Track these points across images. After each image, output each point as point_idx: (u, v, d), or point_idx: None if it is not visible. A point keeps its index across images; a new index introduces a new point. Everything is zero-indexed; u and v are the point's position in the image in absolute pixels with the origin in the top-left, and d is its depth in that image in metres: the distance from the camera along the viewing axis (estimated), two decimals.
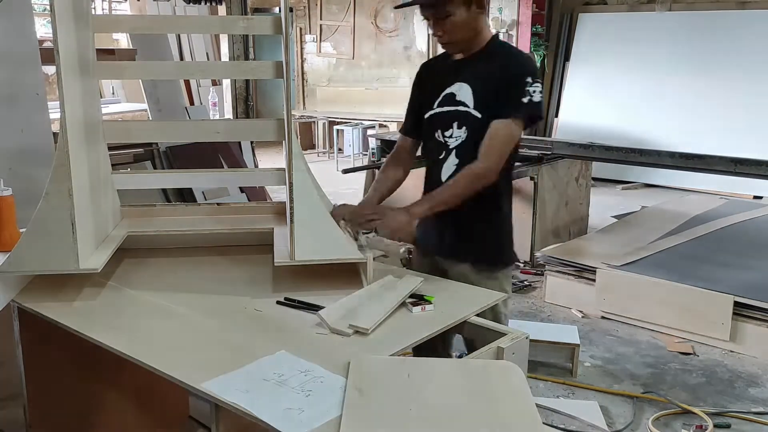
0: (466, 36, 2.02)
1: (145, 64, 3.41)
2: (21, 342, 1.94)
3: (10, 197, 2.17)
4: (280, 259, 1.93)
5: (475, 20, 2.00)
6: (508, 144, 2.01)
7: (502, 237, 2.18)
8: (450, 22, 1.98)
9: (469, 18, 1.98)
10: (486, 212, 2.12)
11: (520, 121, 1.99)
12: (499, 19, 8.69)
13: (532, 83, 1.96)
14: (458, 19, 1.97)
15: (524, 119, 1.99)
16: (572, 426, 2.86)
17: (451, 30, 2.00)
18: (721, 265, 4.07)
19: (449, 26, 1.99)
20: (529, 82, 1.95)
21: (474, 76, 2.04)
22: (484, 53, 2.05)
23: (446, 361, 1.56)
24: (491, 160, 1.99)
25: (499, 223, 2.16)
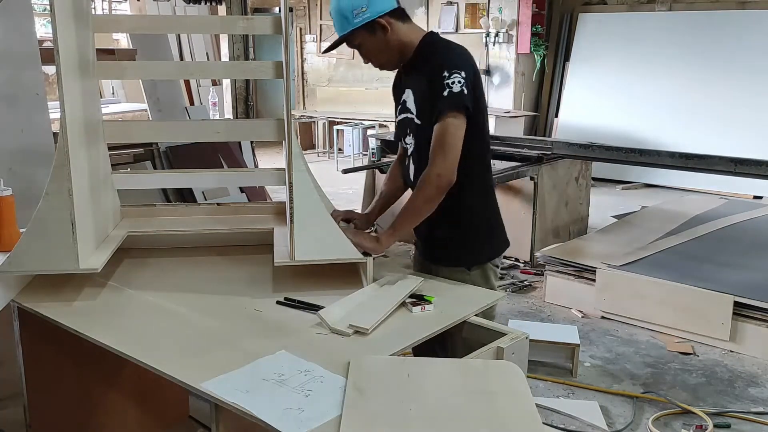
0: (387, 55, 2.07)
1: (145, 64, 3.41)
2: (21, 342, 1.94)
3: (10, 197, 2.17)
4: (280, 259, 1.93)
5: (385, 40, 2.01)
6: (447, 142, 1.93)
7: (471, 235, 2.12)
8: (365, 50, 2.06)
9: (378, 41, 2.01)
10: (450, 213, 2.06)
11: (453, 113, 1.92)
12: (499, 19, 8.69)
13: (450, 75, 1.91)
14: (369, 46, 2.03)
15: (456, 111, 1.92)
16: (572, 426, 2.86)
17: (371, 55, 2.07)
18: (721, 265, 4.07)
19: (367, 53, 2.07)
20: (445, 76, 1.92)
21: (413, 82, 2.09)
22: (416, 57, 2.07)
23: (446, 361, 1.56)
24: (438, 163, 1.94)
25: (467, 221, 2.10)
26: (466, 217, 2.10)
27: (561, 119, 8.67)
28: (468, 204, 2.08)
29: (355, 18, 1.97)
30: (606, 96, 8.31)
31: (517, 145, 5.29)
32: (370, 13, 1.96)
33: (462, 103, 1.92)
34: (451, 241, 2.12)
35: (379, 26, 1.99)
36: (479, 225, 2.13)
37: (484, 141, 2.11)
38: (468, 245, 2.12)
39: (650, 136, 7.64)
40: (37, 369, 2.01)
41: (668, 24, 8.05)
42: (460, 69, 1.93)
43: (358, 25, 1.98)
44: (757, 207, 5.47)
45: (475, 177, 2.08)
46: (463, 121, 1.94)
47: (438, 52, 2.03)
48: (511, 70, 8.81)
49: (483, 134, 2.09)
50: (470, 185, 2.06)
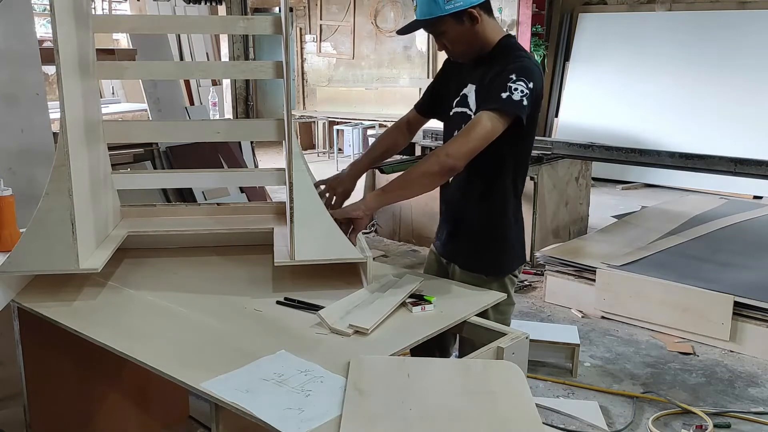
0: (468, 47, 2.02)
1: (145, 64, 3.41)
2: (21, 342, 1.94)
3: (10, 197, 2.17)
4: (280, 259, 1.93)
5: (471, 31, 1.97)
6: (477, 134, 1.87)
7: (503, 244, 2.10)
8: (447, 38, 2.00)
9: (464, 31, 1.96)
10: (489, 218, 2.08)
11: (497, 114, 1.87)
12: (499, 19, 8.69)
13: (516, 80, 1.87)
14: (453, 35, 1.98)
15: (502, 114, 1.87)
16: (572, 426, 2.86)
17: (452, 45, 2.02)
18: (721, 265, 4.07)
19: (448, 42, 2.01)
20: (512, 78, 1.87)
21: (479, 79, 2.03)
22: (490, 56, 2.02)
23: (446, 361, 1.56)
24: (455, 145, 1.90)
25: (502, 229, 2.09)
26: (502, 225, 2.09)
27: (561, 119, 8.67)
28: (507, 213, 2.08)
29: (446, 4, 1.91)
30: (606, 96, 8.32)
31: None
32: (463, 2, 1.92)
33: (515, 111, 1.87)
34: (475, 246, 2.11)
35: (468, 16, 1.94)
36: (507, 240, 2.11)
37: (526, 161, 2.12)
38: (489, 255, 2.10)
39: (650, 136, 7.64)
40: (37, 369, 2.01)
41: (668, 24, 8.05)
42: (529, 79, 1.89)
43: (450, 12, 1.92)
44: (757, 207, 5.47)
45: (517, 188, 2.10)
46: (503, 126, 1.88)
47: (515, 54, 1.98)
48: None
49: (528, 149, 2.11)
50: (511, 196, 2.08)
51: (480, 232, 2.09)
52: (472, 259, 2.11)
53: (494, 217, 2.08)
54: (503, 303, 2.01)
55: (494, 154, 1.94)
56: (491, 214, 2.07)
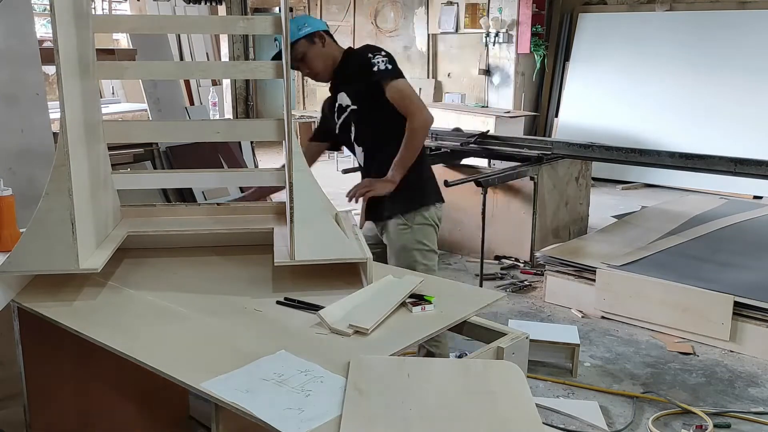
0: (324, 63, 2.62)
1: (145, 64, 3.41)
2: (21, 342, 1.94)
3: (10, 197, 2.17)
4: (280, 259, 1.93)
5: (322, 50, 2.58)
6: (410, 94, 2.50)
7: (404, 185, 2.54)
8: (307, 60, 2.59)
9: (317, 50, 2.58)
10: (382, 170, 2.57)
11: (392, 76, 2.47)
12: (499, 19, 8.69)
13: (374, 56, 2.47)
14: (310, 55, 2.58)
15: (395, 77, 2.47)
16: (572, 426, 2.86)
17: (311, 65, 2.62)
18: (721, 265, 4.07)
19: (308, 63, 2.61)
20: (369, 57, 2.48)
21: (342, 83, 2.65)
22: (342, 65, 2.62)
23: (446, 361, 1.56)
24: (417, 111, 2.48)
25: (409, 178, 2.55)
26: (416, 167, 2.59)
27: (561, 119, 8.67)
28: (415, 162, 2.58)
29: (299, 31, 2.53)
30: (606, 96, 8.31)
31: (517, 145, 5.29)
32: (310, 27, 2.57)
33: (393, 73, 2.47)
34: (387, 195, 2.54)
35: (318, 37, 2.58)
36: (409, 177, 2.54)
37: None
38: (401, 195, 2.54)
39: (650, 136, 7.64)
40: (37, 369, 2.01)
41: (668, 24, 8.05)
42: (380, 51, 2.50)
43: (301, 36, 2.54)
44: (757, 207, 5.47)
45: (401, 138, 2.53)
46: (404, 80, 2.50)
47: (358, 50, 2.61)
48: (511, 70, 8.80)
49: None
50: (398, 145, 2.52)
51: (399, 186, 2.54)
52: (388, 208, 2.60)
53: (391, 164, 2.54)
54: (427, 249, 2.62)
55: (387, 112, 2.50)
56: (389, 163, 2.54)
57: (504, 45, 8.77)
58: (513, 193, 4.99)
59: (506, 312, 4.07)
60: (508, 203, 5.02)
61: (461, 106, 9.03)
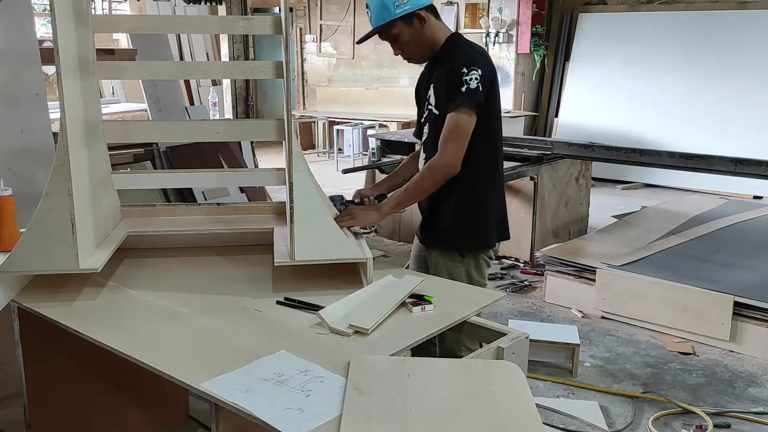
0: (420, 48, 2.22)
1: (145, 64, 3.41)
2: (21, 342, 1.94)
3: (10, 197, 2.17)
4: (280, 259, 1.93)
5: (422, 32, 2.18)
6: (458, 133, 2.11)
7: (468, 223, 2.24)
8: (400, 41, 2.20)
9: (414, 32, 2.17)
10: (452, 201, 2.22)
11: (466, 109, 2.09)
12: (499, 19, 8.69)
13: (468, 72, 2.08)
14: (405, 37, 2.18)
15: (469, 107, 2.09)
16: (572, 426, 2.86)
17: (404, 47, 2.22)
18: (721, 265, 4.07)
19: (401, 45, 2.21)
20: (464, 72, 2.08)
21: (435, 78, 2.23)
22: (440, 55, 2.23)
23: (446, 361, 1.56)
24: (446, 152, 2.12)
25: (467, 210, 2.23)
26: (467, 207, 2.23)
27: (561, 119, 8.67)
28: (471, 195, 2.22)
29: (395, 9, 2.13)
30: (606, 96, 8.31)
31: (517, 145, 5.29)
32: (410, 5, 2.13)
33: (476, 99, 2.09)
34: (449, 226, 2.24)
35: (417, 18, 2.15)
36: (478, 216, 2.24)
37: (493, 138, 2.24)
38: (464, 232, 2.24)
39: (650, 136, 7.64)
40: (37, 369, 2.01)
41: (668, 24, 8.05)
42: (478, 67, 2.10)
43: (399, 15, 2.13)
44: (757, 207, 5.47)
45: (482, 171, 2.21)
46: (474, 117, 2.11)
47: (461, 49, 2.19)
48: (511, 70, 8.81)
49: (492, 131, 2.23)
50: (476, 178, 2.20)
51: (454, 213, 2.23)
52: (447, 241, 2.26)
53: (465, 197, 2.22)
54: (475, 282, 2.22)
55: None
56: (462, 194, 2.21)
57: (504, 45, 8.78)
58: (513, 193, 4.99)
59: (506, 312, 4.07)
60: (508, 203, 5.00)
61: None
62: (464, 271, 2.23)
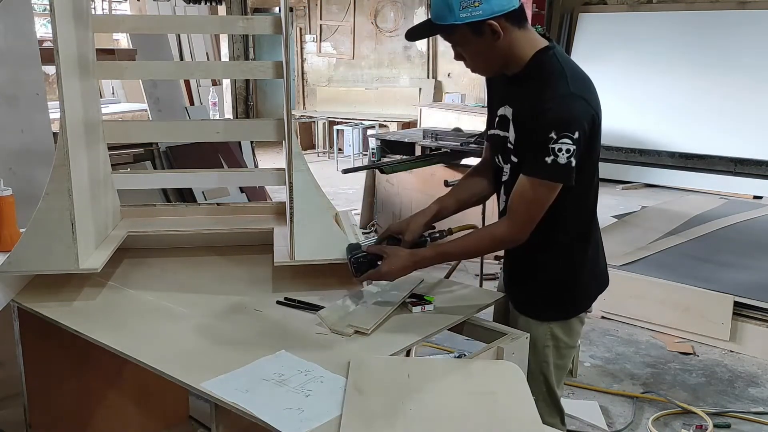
0: (489, 63, 1.75)
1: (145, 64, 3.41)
2: (21, 342, 1.94)
3: (10, 197, 2.17)
4: (280, 259, 1.93)
5: (493, 46, 1.67)
6: (534, 209, 1.71)
7: (558, 292, 1.88)
8: (466, 52, 1.72)
9: (484, 44, 1.66)
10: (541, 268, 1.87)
11: (549, 183, 1.67)
12: None
13: (557, 140, 1.61)
14: (471, 48, 1.70)
15: (552, 181, 1.66)
16: (572, 426, 2.86)
17: (470, 59, 1.74)
18: (721, 265, 4.07)
19: (467, 55, 1.73)
20: (552, 138, 1.61)
21: (517, 102, 1.77)
22: (525, 75, 1.74)
23: (446, 361, 1.56)
24: (515, 224, 1.73)
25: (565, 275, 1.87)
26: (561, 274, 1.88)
27: None
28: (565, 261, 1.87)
29: (461, 11, 1.61)
30: (606, 96, 8.20)
31: None
32: (482, 11, 1.61)
33: (563, 179, 1.66)
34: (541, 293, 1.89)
35: (489, 29, 1.63)
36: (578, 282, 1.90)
37: (590, 196, 1.89)
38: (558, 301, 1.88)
39: (650, 136, 7.64)
40: (37, 369, 2.01)
41: (668, 24, 8.04)
42: (572, 131, 1.63)
43: (465, 21, 1.62)
44: (757, 207, 5.47)
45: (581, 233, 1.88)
46: (556, 190, 1.69)
47: (549, 85, 1.68)
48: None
49: (591, 190, 1.88)
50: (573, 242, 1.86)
51: (538, 282, 1.89)
52: (530, 305, 1.89)
53: (551, 268, 1.86)
54: (563, 345, 1.87)
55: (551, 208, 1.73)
56: (548, 264, 1.86)
57: None
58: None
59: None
60: None
61: (461, 106, 9.03)
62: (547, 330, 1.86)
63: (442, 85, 9.84)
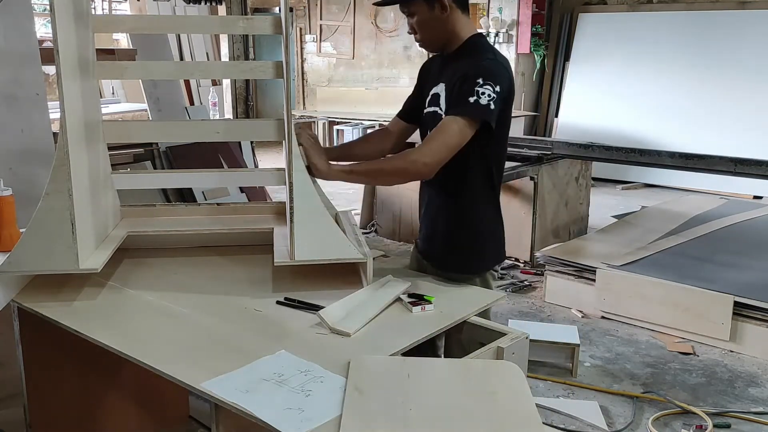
0: (434, 35, 2.04)
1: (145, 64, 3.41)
2: (21, 342, 1.94)
3: (10, 197, 2.17)
4: (280, 259, 1.93)
5: (442, 20, 1.99)
6: (447, 138, 1.90)
7: (482, 243, 2.11)
8: (416, 21, 2.02)
9: (434, 17, 1.99)
10: (463, 220, 2.08)
11: (466, 120, 1.89)
12: (499, 19, 8.68)
13: (483, 84, 1.88)
14: (422, 18, 2.00)
15: (471, 119, 1.89)
16: (572, 426, 2.86)
17: (419, 28, 2.04)
18: (721, 265, 4.07)
19: (416, 25, 2.03)
20: (479, 83, 1.88)
21: (448, 77, 2.02)
22: (459, 53, 2.04)
23: (446, 361, 1.56)
24: (428, 150, 1.91)
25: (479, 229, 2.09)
26: (478, 226, 2.09)
27: (561, 119, 8.67)
28: (481, 213, 2.09)
29: None
30: (606, 96, 8.31)
31: (517, 145, 5.29)
32: None
33: (483, 116, 1.89)
34: (443, 247, 2.12)
35: (439, 4, 1.97)
36: (485, 236, 2.12)
37: (495, 164, 2.08)
38: (479, 252, 2.11)
39: (650, 136, 7.65)
40: (37, 369, 2.01)
41: (668, 24, 8.05)
42: (495, 82, 1.90)
43: None
44: (757, 207, 5.47)
45: (480, 197, 2.07)
46: (471, 131, 1.90)
47: (481, 54, 1.99)
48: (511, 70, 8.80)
49: (495, 156, 2.06)
50: (485, 195, 2.07)
51: (452, 233, 2.10)
52: (445, 260, 2.12)
53: (466, 218, 2.08)
54: None
55: (464, 156, 1.95)
56: (463, 214, 2.07)
57: (504, 45, 8.77)
58: (513, 193, 4.99)
59: (506, 312, 4.07)
60: (508, 203, 5.02)
61: None
62: None
63: None
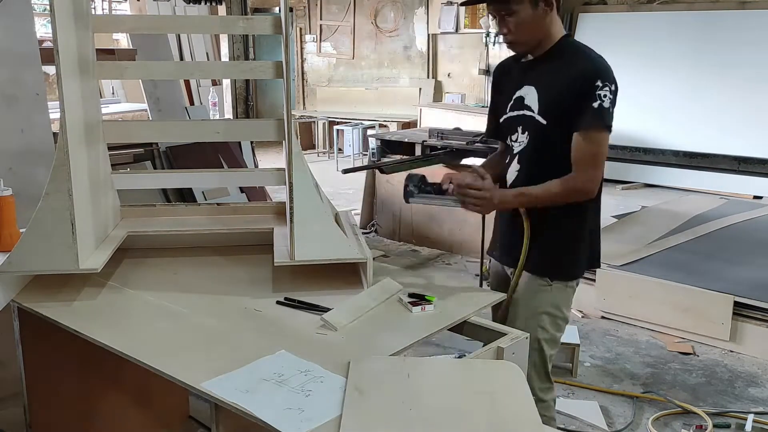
0: (532, 35, 1.93)
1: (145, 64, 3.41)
2: (21, 342, 1.94)
3: (10, 197, 2.17)
4: (280, 259, 1.93)
5: (542, 19, 1.89)
6: (599, 158, 1.89)
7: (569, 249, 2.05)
8: (515, 20, 1.89)
9: (536, 16, 1.88)
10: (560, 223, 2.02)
11: (603, 130, 1.86)
12: None
13: (602, 86, 1.84)
14: (523, 17, 1.88)
15: (604, 127, 1.86)
16: (572, 426, 2.86)
17: (516, 29, 1.91)
18: (721, 265, 4.07)
19: (514, 24, 1.90)
20: (598, 86, 1.83)
21: (541, 79, 1.94)
22: (552, 54, 1.95)
23: (446, 361, 1.56)
24: (588, 173, 1.89)
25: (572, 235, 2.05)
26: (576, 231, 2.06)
27: None
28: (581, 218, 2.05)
29: None
30: None
31: None
32: None
33: (610, 120, 1.86)
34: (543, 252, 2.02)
35: (545, 3, 1.88)
36: (583, 242, 2.08)
37: None
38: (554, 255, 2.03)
39: (651, 136, 7.64)
40: (37, 369, 2.01)
41: (668, 24, 8.04)
42: (611, 81, 1.86)
43: None
44: (757, 207, 5.47)
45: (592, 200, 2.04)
46: (607, 137, 1.88)
47: (588, 57, 1.94)
48: None
49: None
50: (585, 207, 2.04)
51: (555, 238, 2.02)
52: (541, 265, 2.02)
53: (570, 223, 2.03)
54: (559, 315, 2.03)
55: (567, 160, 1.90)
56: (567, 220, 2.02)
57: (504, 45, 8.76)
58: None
59: None
60: None
61: (461, 106, 9.03)
62: (548, 297, 2.01)
63: (442, 85, 9.84)
